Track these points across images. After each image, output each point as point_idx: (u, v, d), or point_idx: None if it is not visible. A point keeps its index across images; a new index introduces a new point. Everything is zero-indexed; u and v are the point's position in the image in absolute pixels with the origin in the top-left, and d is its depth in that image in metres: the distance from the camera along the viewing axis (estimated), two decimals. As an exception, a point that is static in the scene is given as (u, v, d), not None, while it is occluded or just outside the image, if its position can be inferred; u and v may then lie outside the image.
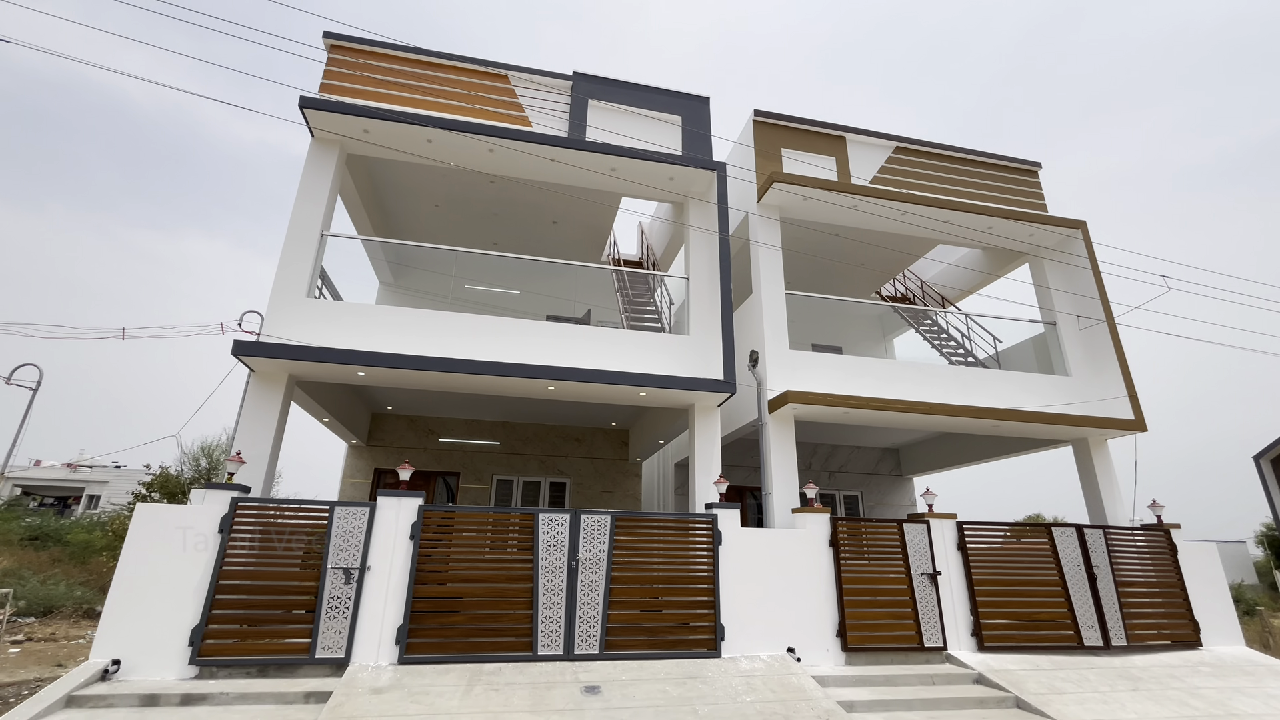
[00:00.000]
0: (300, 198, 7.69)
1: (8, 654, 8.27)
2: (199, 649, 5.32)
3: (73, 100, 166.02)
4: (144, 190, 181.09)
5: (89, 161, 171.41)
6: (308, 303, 7.34)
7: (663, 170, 8.70)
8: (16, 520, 16.35)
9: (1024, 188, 10.85)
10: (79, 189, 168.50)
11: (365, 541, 5.92)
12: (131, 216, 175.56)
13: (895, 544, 7.21)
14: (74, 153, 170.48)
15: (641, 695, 5.38)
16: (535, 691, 5.32)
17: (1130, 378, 9.09)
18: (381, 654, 5.66)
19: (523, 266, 10.30)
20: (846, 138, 10.24)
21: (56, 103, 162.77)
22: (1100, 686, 6.29)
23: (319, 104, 7.63)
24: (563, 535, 6.35)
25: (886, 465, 13.62)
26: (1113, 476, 9.08)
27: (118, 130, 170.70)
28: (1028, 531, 7.63)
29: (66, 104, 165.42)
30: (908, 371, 8.96)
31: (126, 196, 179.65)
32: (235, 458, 6.09)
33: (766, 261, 9.09)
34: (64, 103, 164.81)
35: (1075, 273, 10.04)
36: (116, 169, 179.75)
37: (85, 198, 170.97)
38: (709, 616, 6.43)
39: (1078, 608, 7.35)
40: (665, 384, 7.51)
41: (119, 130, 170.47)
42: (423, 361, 6.93)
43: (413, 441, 11.51)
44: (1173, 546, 8.08)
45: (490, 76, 8.95)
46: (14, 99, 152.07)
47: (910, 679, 6.31)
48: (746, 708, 5.26)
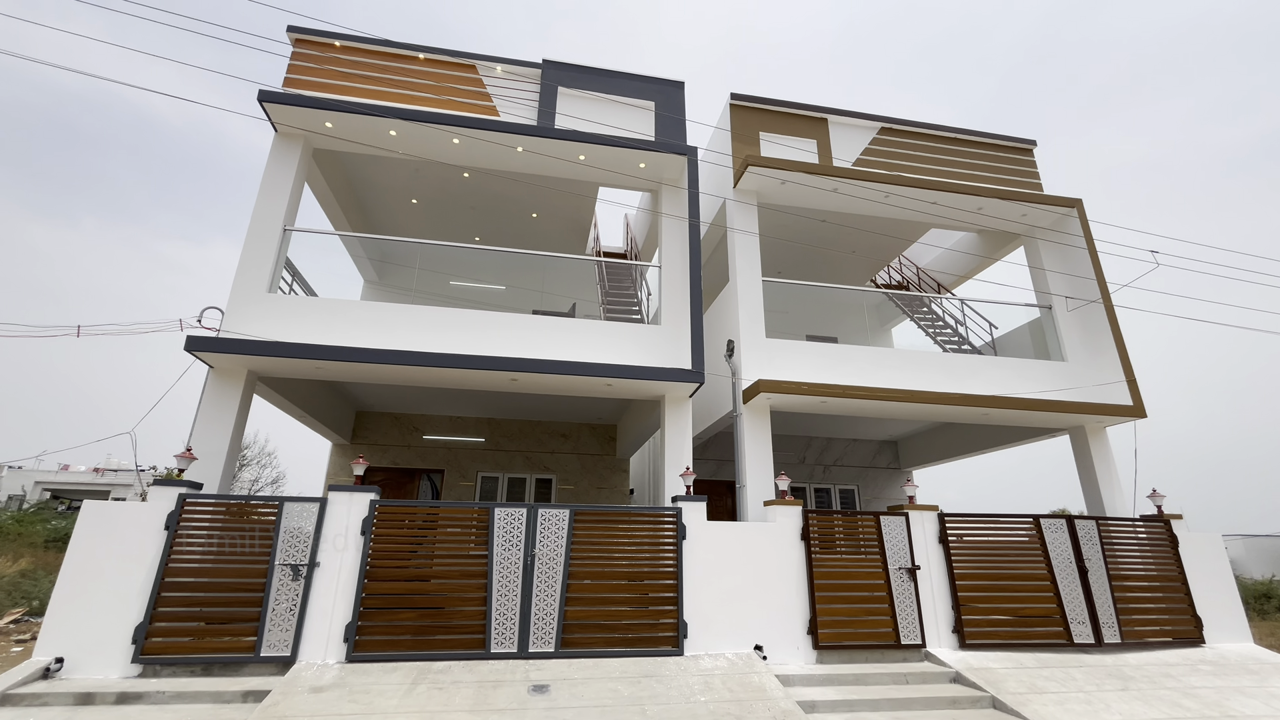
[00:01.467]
0: (263, 193, 7.63)
1: (10, 653, 8.37)
2: (142, 647, 5.25)
3: (104, 116, 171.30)
4: (174, 202, 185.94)
5: (120, 176, 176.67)
6: (269, 298, 7.27)
7: (633, 157, 8.49)
8: (42, 523, 16.76)
9: (1018, 166, 10.42)
10: (111, 202, 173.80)
11: (315, 537, 5.82)
12: (162, 227, 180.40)
13: (872, 537, 6.91)
14: (106, 167, 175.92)
15: (591, 695, 5.18)
16: (480, 691, 5.15)
17: (1129, 362, 8.65)
18: (330, 652, 5.54)
19: (506, 261, 10.20)
20: (828, 119, 9.92)
21: (89, 119, 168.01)
22: (1086, 686, 5.94)
23: (278, 98, 7.56)
24: (519, 530, 6.18)
25: (884, 458, 13.25)
26: (1111, 466, 8.65)
27: (147, 144, 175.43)
28: (1014, 523, 7.27)
29: (98, 120, 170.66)
30: (892, 359, 8.63)
31: (157, 208, 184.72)
32: (185, 454, 6.02)
33: (743, 248, 8.83)
34: (96, 119, 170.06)
35: (1071, 253, 9.60)
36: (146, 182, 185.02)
37: (117, 211, 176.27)
38: (671, 614, 6.21)
39: (1067, 603, 6.98)
40: (631, 374, 7.30)
41: (148, 144, 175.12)
42: (380, 355, 6.82)
43: (397, 439, 11.45)
44: (1173, 538, 7.65)
45: (457, 67, 8.81)
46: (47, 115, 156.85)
47: (882, 678, 6.02)
48: (699, 708, 5.04)
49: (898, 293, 11.67)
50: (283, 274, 7.84)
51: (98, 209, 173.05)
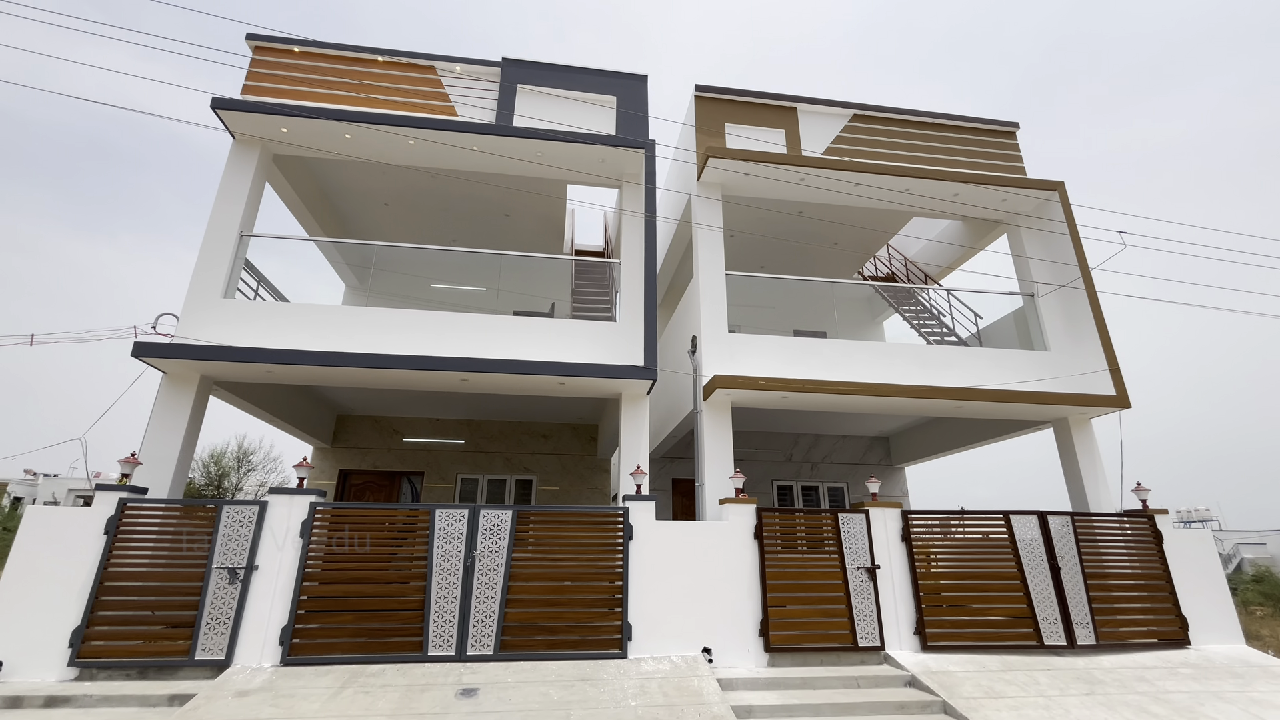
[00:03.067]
0: (219, 199, 7.69)
1: None
2: (79, 650, 5.29)
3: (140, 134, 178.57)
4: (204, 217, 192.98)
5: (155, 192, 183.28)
6: (224, 303, 7.33)
7: (592, 152, 8.38)
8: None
9: (1000, 150, 10.05)
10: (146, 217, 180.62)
11: (253, 540, 5.81)
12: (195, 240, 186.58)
13: (829, 536, 6.69)
14: (141, 183, 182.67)
15: (519, 699, 5.08)
16: (408, 694, 5.08)
17: (1112, 350, 8.26)
18: (265, 655, 5.53)
19: (486, 263, 10.17)
20: (798, 108, 9.69)
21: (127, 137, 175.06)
22: (1049, 690, 5.65)
23: (231, 104, 7.62)
24: (460, 531, 6.10)
25: (875, 454, 12.92)
26: (1096, 460, 8.27)
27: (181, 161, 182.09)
28: (982, 519, 6.97)
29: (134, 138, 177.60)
30: (861, 352, 8.38)
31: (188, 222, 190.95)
32: (129, 459, 6.07)
33: (706, 243, 8.66)
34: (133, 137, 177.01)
35: (1053, 239, 9.22)
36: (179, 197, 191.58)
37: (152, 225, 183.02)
38: (616, 616, 6.07)
39: (1038, 603, 6.66)
40: (583, 372, 7.19)
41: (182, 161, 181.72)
42: (324, 357, 6.81)
43: (377, 442, 11.50)
44: (1157, 534, 7.27)
45: (415, 69, 8.80)
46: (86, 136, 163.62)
47: (832, 682, 5.80)
48: (626, 713, 4.90)
49: (873, 284, 11.39)
50: (242, 279, 7.90)
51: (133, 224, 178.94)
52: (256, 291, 8.39)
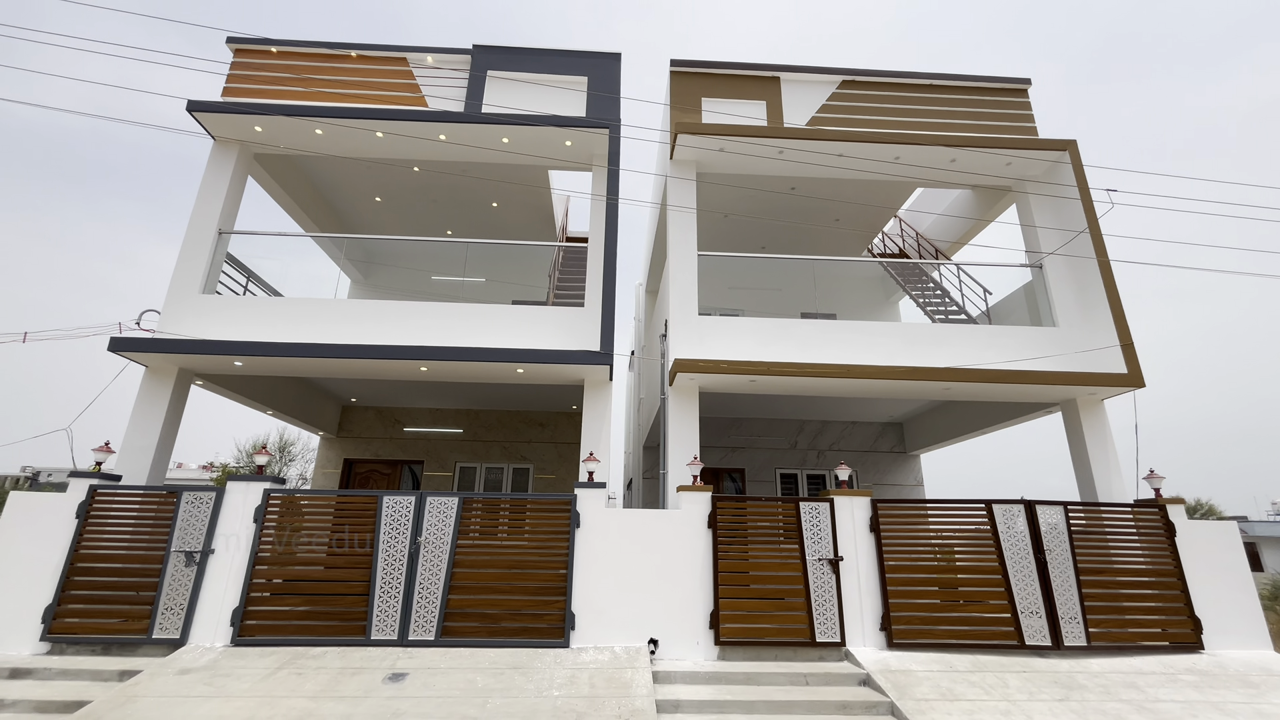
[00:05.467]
0: (199, 199, 7.99)
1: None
2: (50, 626, 5.65)
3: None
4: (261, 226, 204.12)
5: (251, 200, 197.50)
6: (203, 298, 7.62)
7: (559, 136, 8.23)
8: None
9: (1009, 110, 9.24)
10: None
11: (210, 526, 6.04)
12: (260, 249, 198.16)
13: (791, 525, 6.36)
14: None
15: (444, 685, 5.07)
16: (338, 677, 5.16)
17: (1125, 324, 7.48)
18: (218, 636, 5.74)
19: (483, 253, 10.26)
20: (781, 78, 9.20)
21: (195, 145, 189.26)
22: (1017, 694, 5.18)
23: (205, 106, 7.88)
24: (406, 518, 6.14)
25: (887, 441, 12.29)
26: (1108, 444, 7.54)
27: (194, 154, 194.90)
28: (961, 509, 6.46)
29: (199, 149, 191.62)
30: (841, 332, 7.91)
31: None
32: (103, 448, 6.41)
33: (678, 223, 8.37)
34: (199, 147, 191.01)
35: (1065, 206, 8.42)
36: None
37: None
38: (560, 604, 5.98)
39: (1020, 600, 6.13)
40: (539, 359, 7.10)
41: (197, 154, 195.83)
42: (291, 348, 6.99)
43: (380, 432, 11.82)
44: (1169, 526, 6.55)
45: (387, 61, 8.86)
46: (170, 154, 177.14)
47: (779, 678, 5.52)
48: (545, 703, 4.80)
49: (863, 260, 10.76)
50: (229, 275, 8.21)
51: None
52: (246, 287, 8.71)
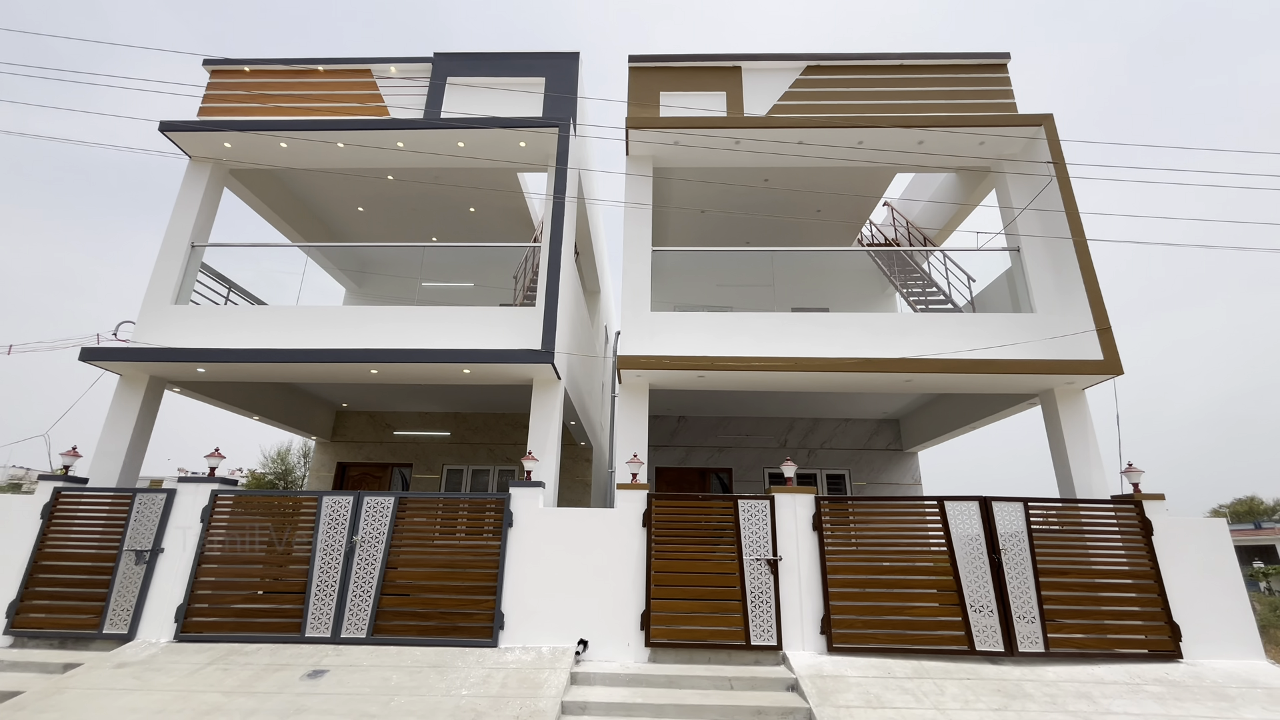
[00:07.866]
0: (174, 214, 8.36)
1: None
2: (13, 621, 5.98)
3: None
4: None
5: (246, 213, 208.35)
6: (174, 309, 7.95)
7: (509, 137, 8.27)
8: None
9: (987, 88, 8.77)
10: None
11: (160, 526, 6.28)
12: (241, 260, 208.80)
13: (728, 524, 6.16)
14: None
15: (357, 683, 5.11)
16: (261, 673, 5.26)
17: (1102, 308, 6.97)
18: (163, 632, 5.96)
19: (474, 258, 10.50)
20: (742, 67, 9.00)
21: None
22: (950, 703, 4.85)
23: (176, 126, 8.26)
24: (344, 517, 6.25)
25: (883, 438, 11.83)
26: (1088, 437, 7.03)
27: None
28: (910, 507, 6.12)
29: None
30: (803, 326, 7.64)
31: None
32: (70, 452, 6.76)
33: (633, 219, 8.26)
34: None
35: (1040, 183, 7.92)
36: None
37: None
38: (490, 604, 5.96)
39: (971, 602, 5.76)
40: (485, 358, 7.11)
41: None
42: (244, 354, 7.22)
43: (371, 435, 12.10)
44: (1145, 524, 6.04)
45: (352, 74, 9.10)
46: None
47: (702, 682, 5.34)
48: (448, 701, 4.77)
49: (830, 250, 10.39)
50: (209, 286, 8.56)
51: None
52: (227, 298, 9.07)
